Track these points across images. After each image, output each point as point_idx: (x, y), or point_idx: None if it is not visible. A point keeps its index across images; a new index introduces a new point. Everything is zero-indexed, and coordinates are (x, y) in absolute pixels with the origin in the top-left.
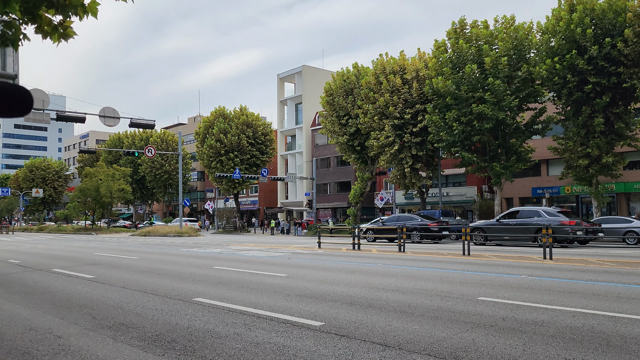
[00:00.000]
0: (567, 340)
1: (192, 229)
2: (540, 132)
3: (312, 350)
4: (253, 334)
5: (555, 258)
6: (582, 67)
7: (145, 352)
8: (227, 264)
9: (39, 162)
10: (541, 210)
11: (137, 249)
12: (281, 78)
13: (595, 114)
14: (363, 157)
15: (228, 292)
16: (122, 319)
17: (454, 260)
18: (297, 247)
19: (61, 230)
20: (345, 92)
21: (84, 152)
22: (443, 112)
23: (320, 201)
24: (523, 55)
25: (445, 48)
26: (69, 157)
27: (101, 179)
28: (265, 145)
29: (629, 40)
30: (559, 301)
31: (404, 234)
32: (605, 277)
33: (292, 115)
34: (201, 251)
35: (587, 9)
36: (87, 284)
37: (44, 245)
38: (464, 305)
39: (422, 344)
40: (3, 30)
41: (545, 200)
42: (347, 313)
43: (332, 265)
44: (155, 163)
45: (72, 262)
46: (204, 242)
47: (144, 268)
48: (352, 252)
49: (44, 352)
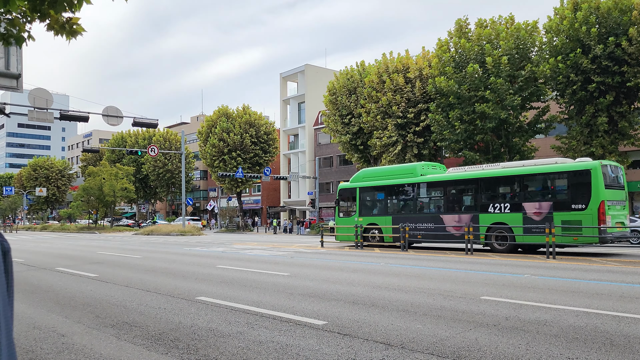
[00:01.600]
0: (570, 339)
1: (195, 228)
2: (543, 131)
3: (314, 349)
4: (256, 332)
5: (558, 257)
6: (586, 66)
7: (148, 351)
8: (230, 263)
9: (42, 161)
10: None
11: (140, 247)
12: (284, 77)
13: (599, 113)
14: (366, 156)
15: (231, 291)
16: (126, 317)
17: (456, 259)
18: (300, 246)
19: (64, 229)
20: (348, 91)
21: (87, 151)
22: (446, 111)
23: (323, 200)
24: (525, 54)
25: (448, 47)
26: (73, 156)
27: (104, 178)
28: (268, 144)
29: (634, 39)
30: (562, 300)
31: (406, 233)
32: (609, 276)
33: (294, 114)
34: (204, 250)
35: (592, 8)
36: (91, 282)
37: (48, 244)
38: (467, 305)
39: (425, 343)
40: (7, 29)
41: None
42: (349, 312)
43: (334, 264)
44: (158, 162)
45: (75, 261)
46: (207, 241)
47: (147, 267)
48: (355, 251)
49: (47, 351)
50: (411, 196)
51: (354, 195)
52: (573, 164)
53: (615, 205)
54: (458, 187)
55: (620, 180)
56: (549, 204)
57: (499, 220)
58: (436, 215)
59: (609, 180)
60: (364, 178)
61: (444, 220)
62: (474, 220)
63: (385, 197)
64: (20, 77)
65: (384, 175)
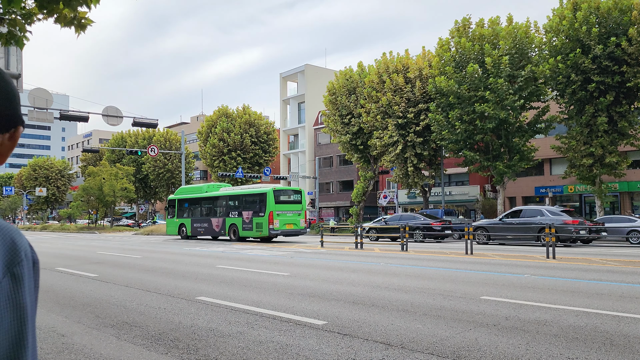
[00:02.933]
0: (570, 339)
1: None
2: (543, 131)
3: (314, 349)
4: (256, 332)
5: (558, 257)
6: (585, 66)
7: (148, 351)
8: (229, 263)
9: (42, 161)
10: (544, 210)
11: (140, 247)
12: (284, 77)
13: (599, 113)
14: (366, 156)
15: (231, 291)
16: (126, 317)
17: (456, 259)
18: (300, 246)
19: (64, 229)
20: (348, 91)
21: (87, 151)
22: (446, 111)
23: (323, 200)
24: (525, 54)
25: (449, 47)
26: (73, 156)
27: (104, 178)
28: (267, 144)
29: (633, 39)
30: (562, 300)
31: (406, 233)
32: (609, 276)
33: (294, 114)
34: (204, 250)
35: (592, 8)
36: (91, 282)
37: (48, 244)
38: (467, 305)
39: (425, 343)
40: (9, 29)
41: (548, 200)
42: (349, 312)
43: (334, 264)
44: (158, 162)
45: (75, 261)
46: (207, 241)
47: (147, 267)
48: (355, 251)
49: (47, 351)
50: (198, 206)
51: (174, 204)
52: (260, 190)
53: (285, 213)
54: (217, 201)
55: (293, 197)
56: (251, 212)
57: (233, 222)
58: (208, 219)
59: (278, 199)
60: (180, 192)
61: (212, 222)
62: (224, 222)
63: (189, 205)
64: (20, 77)
65: (189, 191)
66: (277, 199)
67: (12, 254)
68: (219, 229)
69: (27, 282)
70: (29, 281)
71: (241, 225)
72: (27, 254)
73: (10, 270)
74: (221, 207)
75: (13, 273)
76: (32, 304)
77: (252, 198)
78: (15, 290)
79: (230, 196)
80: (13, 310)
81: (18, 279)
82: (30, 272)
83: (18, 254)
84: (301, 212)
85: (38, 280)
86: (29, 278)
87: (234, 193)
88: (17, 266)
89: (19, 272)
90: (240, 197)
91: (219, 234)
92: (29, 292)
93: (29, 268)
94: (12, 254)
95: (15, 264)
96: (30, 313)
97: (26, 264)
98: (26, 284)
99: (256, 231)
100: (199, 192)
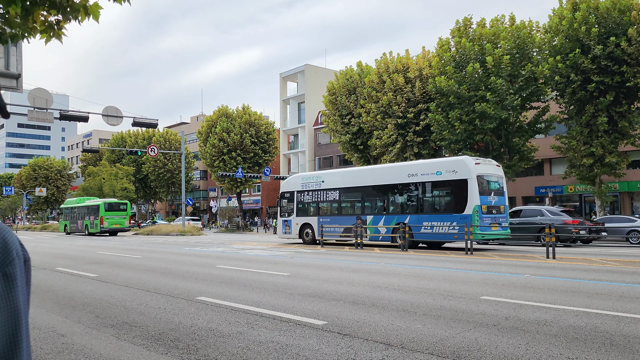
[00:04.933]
0: (570, 339)
1: (195, 228)
2: (543, 131)
3: (314, 349)
4: (256, 332)
5: (558, 257)
6: (585, 66)
7: (148, 351)
8: (229, 263)
9: (42, 161)
10: (544, 210)
11: (140, 247)
12: (284, 77)
13: (599, 113)
14: (366, 156)
15: (231, 291)
16: (125, 317)
17: (456, 259)
18: (300, 246)
19: None
20: (348, 91)
21: (87, 151)
22: (446, 111)
23: None
24: (526, 54)
25: (449, 47)
26: (72, 156)
27: (104, 178)
28: (267, 144)
29: (633, 39)
30: (562, 300)
31: (406, 233)
32: (609, 276)
33: (294, 114)
34: (204, 250)
35: (591, 8)
36: (91, 282)
37: (48, 244)
38: (467, 305)
39: (425, 343)
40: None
41: (548, 200)
42: (349, 312)
43: (334, 264)
44: (158, 162)
45: (75, 261)
46: (207, 241)
47: (147, 267)
48: (355, 251)
49: (47, 351)
50: (75, 212)
51: (62, 212)
52: (95, 202)
53: (113, 217)
54: (80, 209)
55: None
56: (93, 217)
57: (87, 223)
58: (76, 220)
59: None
60: (66, 203)
61: (78, 223)
62: (83, 222)
63: (69, 212)
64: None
65: (71, 203)
66: (107, 208)
67: (4, 254)
68: (81, 226)
69: (19, 281)
70: (21, 280)
71: (90, 224)
72: (19, 252)
73: (2, 270)
74: (81, 213)
75: (5, 272)
76: (25, 303)
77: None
78: (8, 290)
79: (87, 206)
80: (6, 310)
81: (10, 278)
82: (22, 271)
83: (10, 253)
84: (126, 216)
85: (30, 278)
86: (21, 277)
87: (88, 204)
88: (9, 265)
89: (11, 271)
90: (89, 207)
91: (82, 231)
92: (21, 291)
93: (21, 267)
94: (3, 254)
95: (7, 263)
96: (23, 312)
97: (18, 262)
98: (19, 283)
99: (95, 228)
100: (77, 203)
